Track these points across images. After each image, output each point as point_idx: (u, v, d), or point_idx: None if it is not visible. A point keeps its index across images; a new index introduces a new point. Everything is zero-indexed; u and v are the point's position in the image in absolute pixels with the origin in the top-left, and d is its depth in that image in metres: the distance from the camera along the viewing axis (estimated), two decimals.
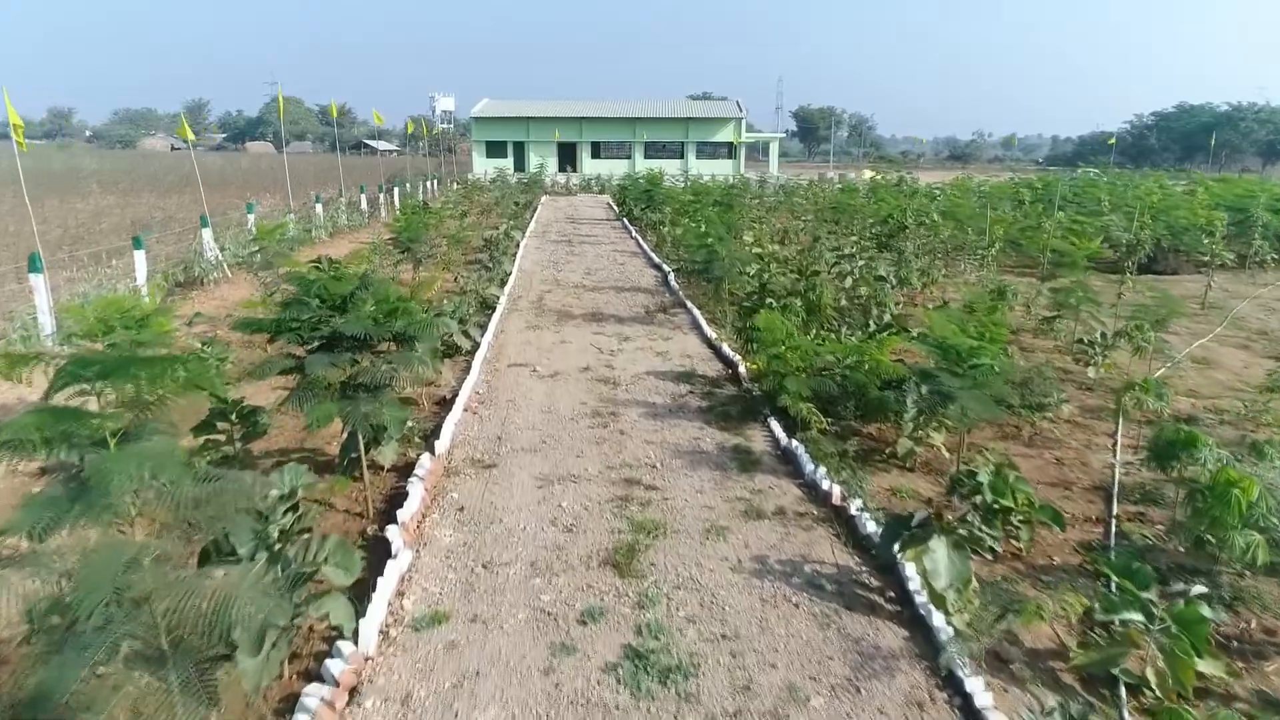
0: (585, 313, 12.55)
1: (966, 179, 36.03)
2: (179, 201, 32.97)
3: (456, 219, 21.26)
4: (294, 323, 5.32)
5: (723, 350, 9.92)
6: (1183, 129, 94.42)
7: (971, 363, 5.86)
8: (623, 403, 8.11)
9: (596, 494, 5.97)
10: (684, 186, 31.99)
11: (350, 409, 5.28)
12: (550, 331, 11.25)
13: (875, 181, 33.91)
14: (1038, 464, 6.75)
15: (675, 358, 9.91)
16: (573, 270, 16.79)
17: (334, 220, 20.78)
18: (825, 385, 7.21)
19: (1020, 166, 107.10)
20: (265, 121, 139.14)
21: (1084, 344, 9.03)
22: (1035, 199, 22.12)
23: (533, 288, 14.76)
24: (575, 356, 9.89)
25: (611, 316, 12.29)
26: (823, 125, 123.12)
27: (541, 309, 12.79)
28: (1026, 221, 17.47)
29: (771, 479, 6.30)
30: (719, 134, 52.75)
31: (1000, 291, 10.63)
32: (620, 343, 10.62)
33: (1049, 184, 27.15)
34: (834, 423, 7.33)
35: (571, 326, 11.59)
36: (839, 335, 10.67)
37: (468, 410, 7.85)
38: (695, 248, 11.91)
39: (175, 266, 13.86)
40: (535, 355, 9.94)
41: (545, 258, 18.62)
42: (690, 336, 11.07)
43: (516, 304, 13.24)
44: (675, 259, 17.94)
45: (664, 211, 22.27)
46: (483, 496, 5.93)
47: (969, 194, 23.78)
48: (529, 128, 52.06)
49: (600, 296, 13.91)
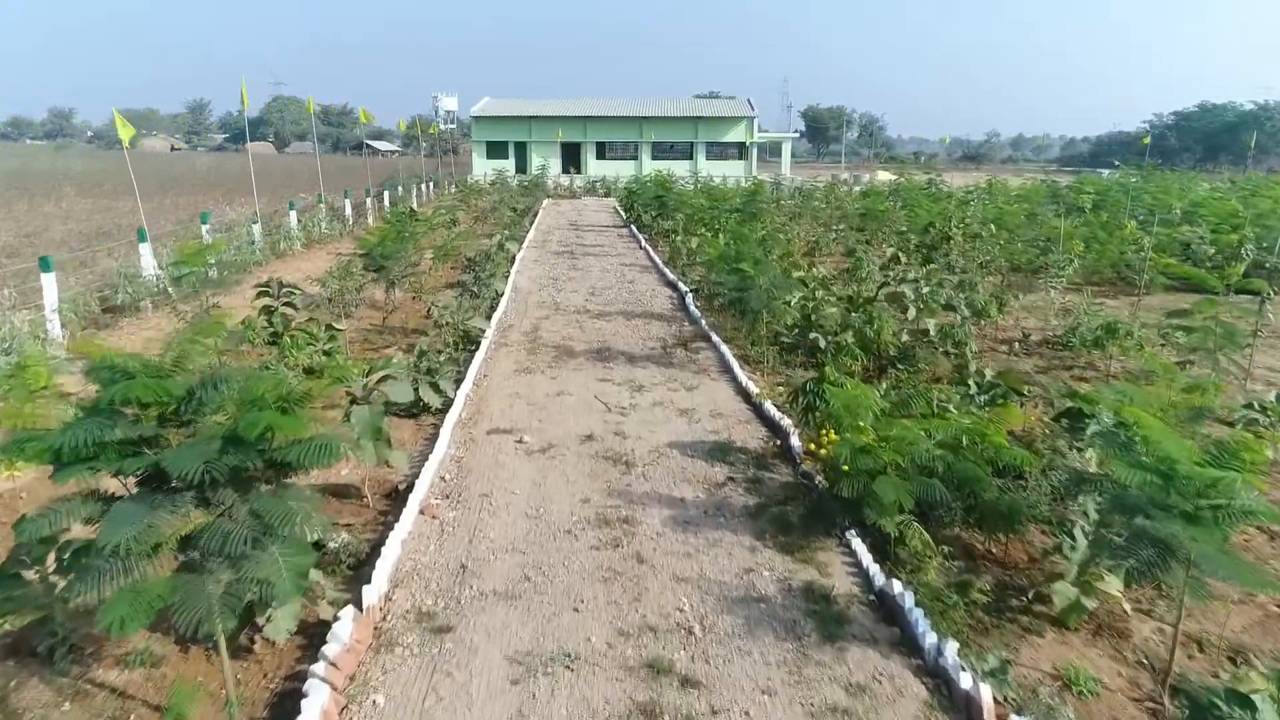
0: (589, 348, 10.35)
1: (1001, 182, 33.77)
2: (158, 205, 30.94)
3: (446, 227, 19.07)
4: (90, 447, 3.13)
5: (766, 410, 7.71)
6: (1205, 129, 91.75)
7: (1207, 502, 3.62)
8: (639, 499, 5.91)
9: (603, 701, 3.76)
10: (694, 189, 29.83)
11: (190, 590, 3.11)
12: (545, 376, 9.05)
13: (902, 184, 31.66)
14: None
15: (704, 418, 7.70)
16: (575, 290, 14.58)
17: (308, 230, 18.62)
18: (931, 491, 4.99)
19: (1033, 167, 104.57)
20: (266, 122, 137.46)
21: (1254, 410, 6.75)
22: (1095, 205, 19.80)
23: (528, 313, 12.56)
24: (576, 417, 7.69)
25: (621, 354, 10.08)
26: (832, 125, 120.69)
27: (536, 343, 10.59)
28: (1101, 233, 15.18)
29: (874, 659, 4.09)
30: (729, 134, 50.47)
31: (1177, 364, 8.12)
32: (633, 394, 8.41)
33: (1106, 188, 24.78)
34: (929, 527, 5.12)
35: (572, 369, 9.40)
36: (906, 383, 8.47)
37: (425, 513, 5.67)
38: (724, 271, 9.69)
39: (105, 289, 11.69)
40: (524, 415, 7.74)
41: (544, 273, 16.41)
42: (720, 384, 8.86)
43: (506, 336, 11.05)
44: (691, 271, 15.75)
45: (677, 219, 20.07)
46: (422, 705, 3.73)
47: (1015, 199, 21.53)
48: (531, 127, 49.88)
49: (607, 326, 11.71)
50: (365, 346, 10.51)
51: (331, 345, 9.17)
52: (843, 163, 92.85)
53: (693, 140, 50.19)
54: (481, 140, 50.30)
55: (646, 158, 49.54)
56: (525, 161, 48.76)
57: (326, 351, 9.12)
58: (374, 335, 11.07)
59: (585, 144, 50.04)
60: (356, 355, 10.08)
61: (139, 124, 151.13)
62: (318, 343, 9.07)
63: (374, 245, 12.30)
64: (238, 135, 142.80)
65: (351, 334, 10.97)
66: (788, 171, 50.52)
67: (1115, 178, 45.42)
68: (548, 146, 49.31)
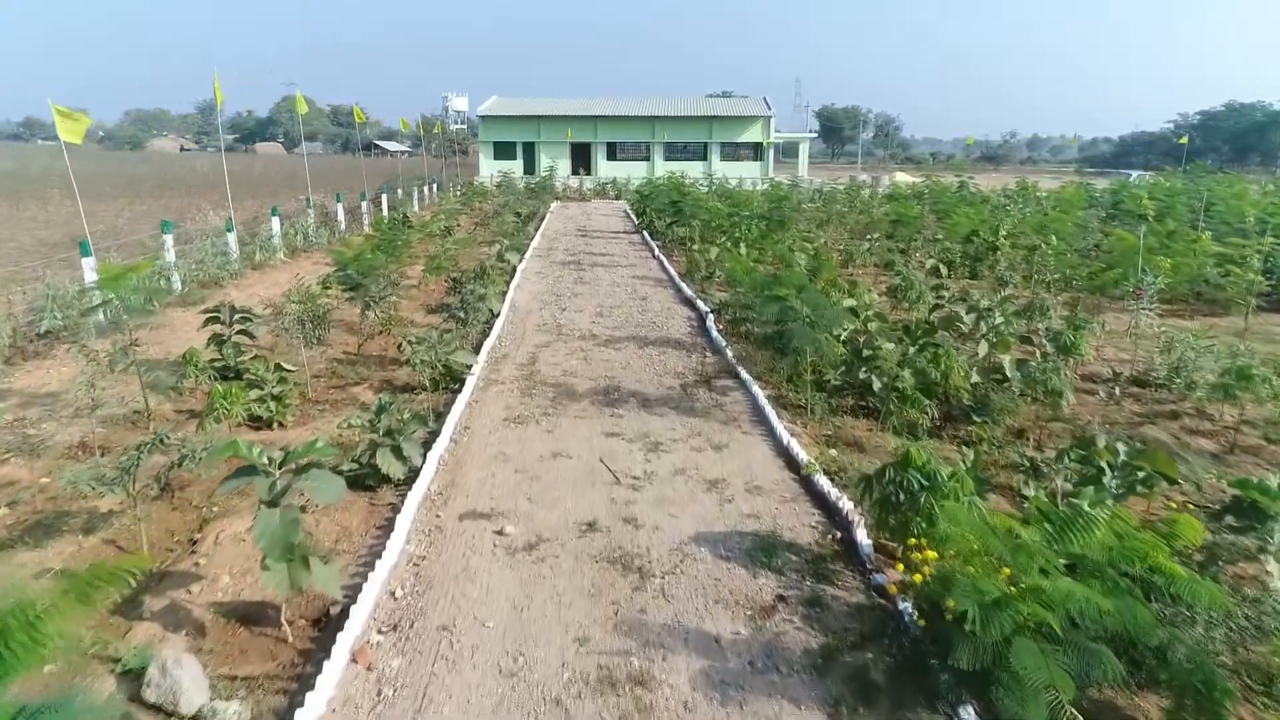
0: (595, 387, 8.71)
1: (1033, 184, 31.93)
2: (149, 209, 29.56)
3: (440, 236, 17.48)
4: None
5: (817, 485, 6.04)
6: (1232, 129, 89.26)
7: None
8: (658, 636, 4.27)
9: None
10: (707, 190, 28.14)
11: None
12: (540, 428, 7.42)
13: (929, 187, 29.87)
14: None
15: (739, 494, 6.04)
16: (580, 309, 12.95)
17: (289, 239, 17.05)
18: (1100, 663, 3.33)
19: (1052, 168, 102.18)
20: (276, 122, 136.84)
21: None
22: (1160, 212, 17.96)
23: (525, 338, 10.94)
24: (575, 493, 6.05)
25: (633, 395, 8.44)
26: (847, 125, 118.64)
27: (533, 380, 8.96)
28: (1173, 245, 13.38)
29: None
30: (745, 134, 48.71)
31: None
32: (648, 455, 6.77)
33: (1171, 193, 22.79)
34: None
35: (573, 415, 7.76)
36: (984, 439, 6.83)
37: (357, 660, 4.05)
38: (761, 298, 8.01)
39: (31, 316, 10.14)
40: (509, 488, 6.11)
41: (547, 288, 14.79)
42: (755, 440, 7.19)
43: (499, 369, 9.42)
44: (711, 286, 14.09)
45: (693, 225, 18.41)
46: None
47: (1058, 204, 19.74)
48: (540, 127, 48.30)
49: (617, 356, 10.07)
50: (331, 384, 8.92)
51: (282, 389, 7.58)
52: (859, 164, 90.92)
53: (706, 140, 48.50)
54: (488, 141, 48.81)
55: (659, 158, 47.90)
56: (534, 162, 47.18)
57: (276, 396, 7.54)
58: (345, 367, 9.48)
59: (595, 144, 48.44)
60: (319, 396, 8.50)
61: (150, 125, 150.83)
62: (265, 385, 7.49)
63: (349, 260, 10.74)
64: (248, 135, 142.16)
65: (319, 366, 9.40)
66: (805, 173, 48.75)
67: (1146, 180, 43.40)
68: (557, 147, 47.74)
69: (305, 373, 8.74)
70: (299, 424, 7.63)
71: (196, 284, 13.61)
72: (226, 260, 13.97)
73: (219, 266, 13.58)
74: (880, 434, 7.54)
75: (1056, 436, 7.48)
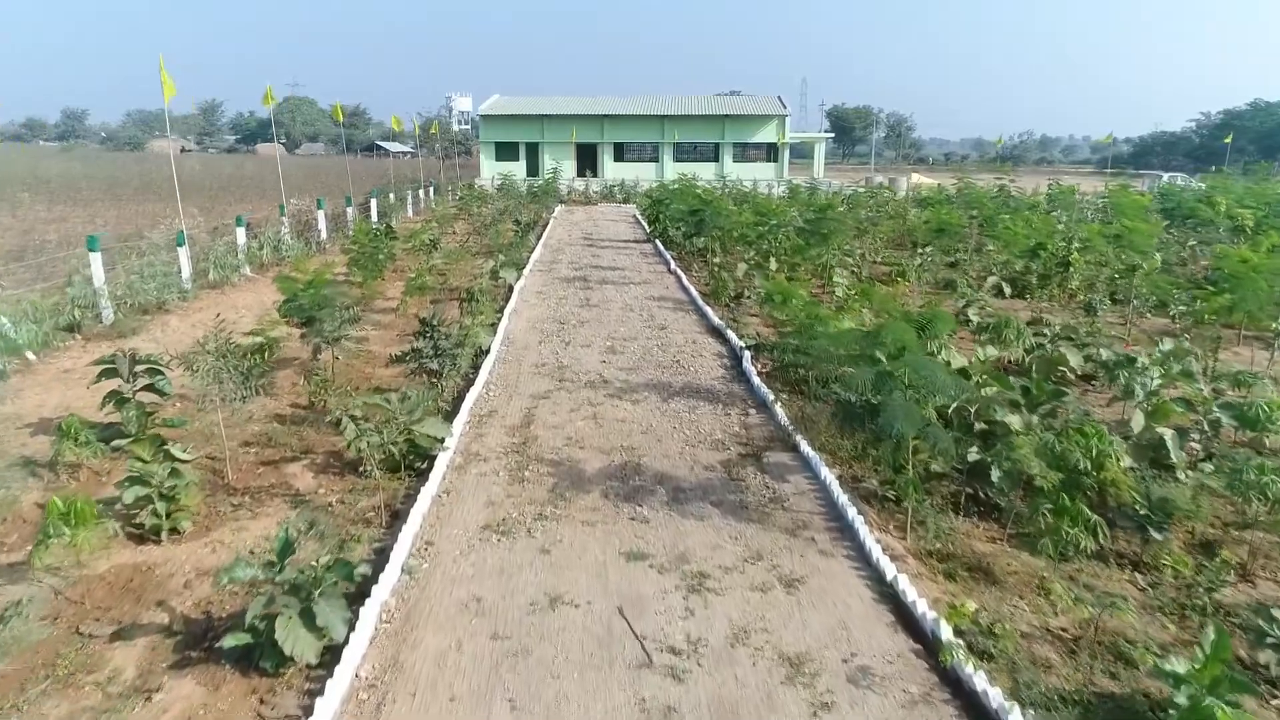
0: (609, 467, 6.55)
1: (1071, 187, 29.66)
2: (120, 215, 27.49)
3: (425, 251, 15.32)
4: None
5: (967, 682, 3.86)
6: (1258, 128, 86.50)
7: None
8: None
9: None
10: (719, 193, 25.91)
11: None
12: (534, 548, 5.26)
13: (963, 189, 27.61)
14: None
15: (839, 691, 3.86)
16: (588, 342, 10.78)
17: (258, 253, 14.89)
18: None
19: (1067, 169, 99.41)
20: (277, 123, 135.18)
21: None
22: (1258, 222, 15.66)
23: (519, 386, 8.78)
24: (583, 683, 3.88)
25: (659, 481, 6.28)
26: (859, 125, 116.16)
27: (526, 456, 6.78)
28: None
29: None
30: (759, 134, 46.41)
31: None
32: (689, 602, 4.60)
33: (1258, 198, 20.36)
34: None
35: (579, 522, 5.60)
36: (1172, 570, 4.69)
37: None
38: (847, 358, 5.81)
39: None
40: (482, 682, 3.94)
41: (548, 313, 12.62)
42: (841, 567, 5.01)
43: (483, 434, 7.27)
44: (741, 312, 11.92)
45: (714, 234, 16.21)
46: None
47: (1128, 210, 17.50)
48: (544, 127, 46.10)
49: (635, 413, 7.90)
50: (262, 458, 6.78)
51: (175, 485, 5.43)
52: (872, 164, 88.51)
53: (719, 141, 46.26)
54: (490, 141, 46.68)
55: (668, 160, 45.69)
56: (537, 164, 44.99)
57: (166, 494, 5.39)
58: (288, 428, 7.34)
59: (602, 145, 46.25)
60: (242, 478, 6.36)
61: (152, 125, 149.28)
62: (151, 483, 5.34)
63: (299, 289, 8.61)
64: (249, 136, 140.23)
65: (254, 429, 7.27)
66: (821, 174, 46.51)
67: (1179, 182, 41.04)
68: (561, 148, 45.55)
69: (225, 446, 6.60)
70: (199, 533, 5.50)
71: (138, 310, 11.49)
72: (172, 281, 11.84)
73: (161, 289, 11.45)
74: (1008, 546, 5.39)
75: (1267, 556, 5.30)
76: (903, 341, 5.05)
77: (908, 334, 5.03)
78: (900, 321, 5.31)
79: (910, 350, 5.05)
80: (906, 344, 5.02)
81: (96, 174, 52.75)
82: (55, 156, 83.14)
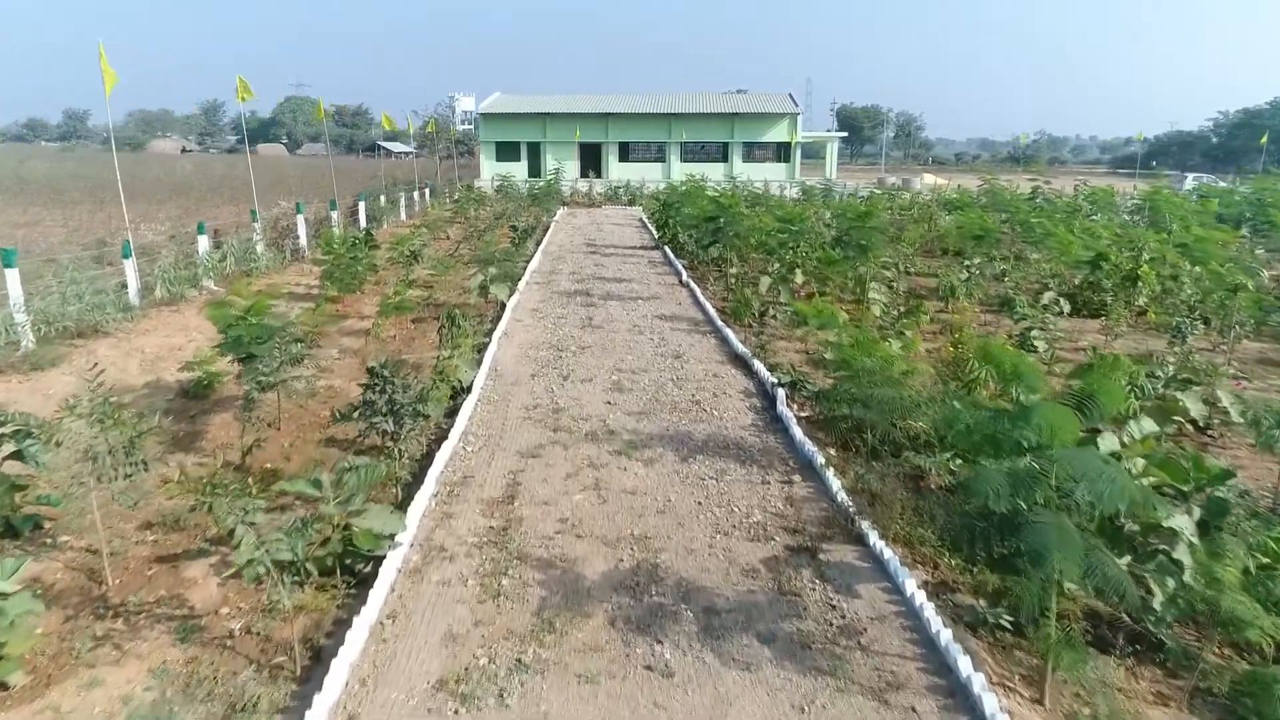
0: (615, 573, 4.88)
1: (1107, 189, 27.87)
2: (102, 217, 25.94)
3: (404, 264, 13.66)
4: None
5: None
6: (1278, 128, 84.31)
7: None
8: None
9: None
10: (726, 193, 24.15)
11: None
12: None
13: (990, 191, 25.84)
14: None
15: None
16: (590, 375, 9.10)
17: (219, 265, 13.23)
18: None
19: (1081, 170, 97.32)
20: (279, 123, 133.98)
21: None
22: None
23: (504, 440, 7.10)
24: None
25: (684, 596, 4.61)
26: (867, 125, 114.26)
27: (506, 553, 5.11)
28: None
29: None
30: (769, 133, 44.64)
31: None
32: None
33: None
34: None
35: (571, 680, 3.94)
36: None
37: None
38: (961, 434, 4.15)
39: None
40: None
41: (544, 336, 10.94)
42: None
43: (451, 515, 5.60)
44: (760, 324, 10.24)
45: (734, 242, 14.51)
46: None
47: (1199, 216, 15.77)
48: (546, 126, 44.40)
49: (648, 480, 6.22)
50: (157, 551, 5.13)
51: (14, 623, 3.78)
52: (882, 165, 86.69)
53: (727, 140, 44.51)
54: (490, 141, 45.02)
55: (675, 160, 43.99)
56: (539, 164, 43.31)
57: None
58: (201, 511, 5.68)
59: (606, 144, 44.53)
60: (122, 589, 4.71)
61: (153, 126, 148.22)
62: None
63: (234, 320, 6.96)
64: (250, 136, 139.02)
65: (158, 505, 5.64)
66: (833, 175, 44.76)
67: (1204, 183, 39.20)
68: (564, 148, 43.86)
69: (103, 543, 4.95)
70: (35, 688, 3.86)
71: (68, 335, 9.85)
72: (106, 300, 10.19)
73: (90, 309, 9.80)
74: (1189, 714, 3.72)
75: None
76: (1053, 423, 3.37)
77: (1066, 420, 3.36)
78: (1054, 404, 3.61)
79: (1066, 441, 3.37)
80: (1061, 432, 3.34)
81: (88, 174, 51.27)
82: (54, 156, 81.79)
